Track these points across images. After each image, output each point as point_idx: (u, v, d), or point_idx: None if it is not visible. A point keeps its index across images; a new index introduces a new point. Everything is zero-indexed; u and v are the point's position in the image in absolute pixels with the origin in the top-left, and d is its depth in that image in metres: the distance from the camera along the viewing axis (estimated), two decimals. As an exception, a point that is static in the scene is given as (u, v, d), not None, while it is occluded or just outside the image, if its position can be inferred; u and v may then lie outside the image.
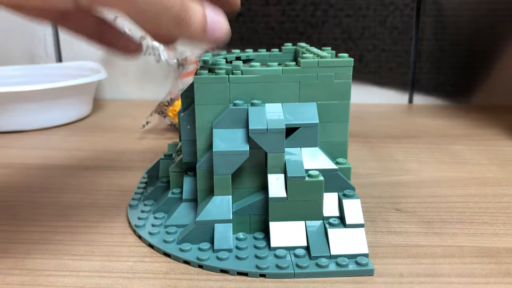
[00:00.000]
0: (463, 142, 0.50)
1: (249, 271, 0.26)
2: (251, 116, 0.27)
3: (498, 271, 0.26)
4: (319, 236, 0.27)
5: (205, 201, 0.29)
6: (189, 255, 0.27)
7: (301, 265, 0.26)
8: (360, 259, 0.26)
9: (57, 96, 0.56)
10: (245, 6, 0.68)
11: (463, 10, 0.67)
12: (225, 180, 0.28)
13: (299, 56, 0.38)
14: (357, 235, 0.27)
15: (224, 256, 0.26)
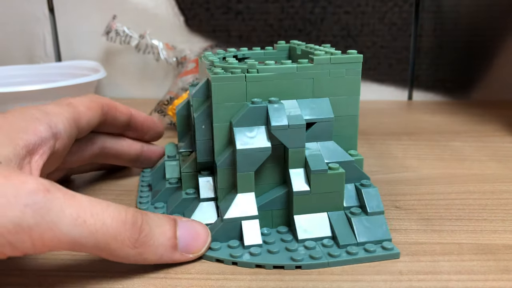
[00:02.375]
0: (463, 139, 0.50)
1: (285, 264, 0.26)
2: (272, 113, 0.28)
3: (497, 268, 0.26)
4: (344, 225, 0.29)
5: (228, 199, 0.29)
6: (221, 254, 0.27)
7: (333, 254, 0.27)
8: (386, 244, 0.28)
9: (57, 95, 0.55)
10: (244, 3, 0.68)
11: (462, 6, 0.66)
12: (249, 177, 0.28)
13: (294, 53, 0.38)
14: (379, 222, 0.29)
15: (257, 251, 0.27)
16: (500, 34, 0.67)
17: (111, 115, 0.35)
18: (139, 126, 0.38)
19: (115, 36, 0.66)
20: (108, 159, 0.37)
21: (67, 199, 0.22)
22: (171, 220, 0.26)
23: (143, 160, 0.39)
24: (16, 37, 0.73)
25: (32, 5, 0.71)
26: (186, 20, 0.70)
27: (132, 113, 0.37)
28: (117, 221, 0.23)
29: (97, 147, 0.35)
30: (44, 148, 0.27)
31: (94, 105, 0.33)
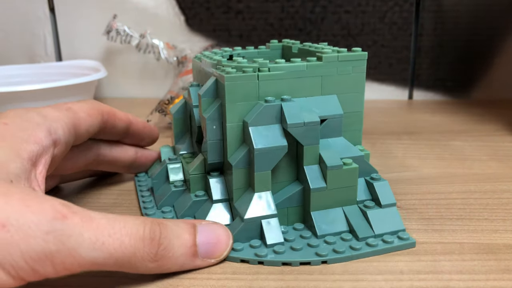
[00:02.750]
0: (463, 138, 0.50)
1: (311, 260, 0.27)
2: (287, 111, 0.28)
3: (498, 268, 0.26)
4: (359, 218, 0.29)
5: (245, 199, 0.29)
6: (245, 254, 0.27)
7: (354, 247, 0.28)
8: (402, 234, 0.29)
9: (57, 95, 0.56)
10: (244, 3, 0.68)
11: (462, 5, 0.66)
12: (266, 176, 0.29)
13: (288, 52, 0.39)
14: (392, 214, 0.30)
15: (281, 249, 0.27)
16: (500, 34, 0.67)
17: (111, 122, 0.34)
18: (137, 133, 0.37)
19: (116, 35, 0.66)
20: (102, 166, 0.37)
21: (85, 222, 0.22)
22: (190, 226, 0.26)
23: (137, 166, 0.39)
24: (17, 37, 0.73)
25: (33, 5, 0.71)
26: (187, 20, 0.70)
27: (131, 120, 0.36)
28: (135, 239, 0.23)
29: (92, 154, 0.35)
30: (46, 157, 0.27)
31: (95, 112, 0.32)
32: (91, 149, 0.34)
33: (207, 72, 0.32)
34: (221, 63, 0.30)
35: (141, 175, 0.39)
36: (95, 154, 0.35)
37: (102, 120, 0.33)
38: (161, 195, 0.34)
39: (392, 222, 0.29)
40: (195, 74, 0.38)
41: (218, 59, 0.31)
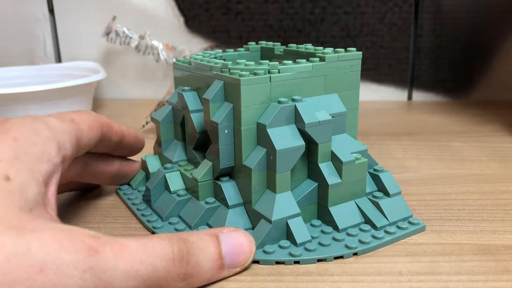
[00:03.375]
0: (462, 139, 0.50)
1: (344, 253, 0.28)
2: (302, 111, 0.29)
3: (497, 269, 0.26)
4: (373, 209, 0.31)
5: (266, 201, 0.29)
6: (279, 255, 0.27)
7: (377, 236, 0.29)
8: (412, 220, 0.31)
9: (57, 97, 0.56)
10: (244, 4, 0.68)
11: (462, 6, 0.66)
12: (286, 176, 0.29)
13: (269, 54, 0.39)
14: (400, 201, 0.32)
15: (312, 247, 0.28)
16: (500, 34, 0.67)
17: (108, 136, 0.33)
18: (128, 146, 0.36)
19: (115, 37, 0.66)
20: (87, 177, 0.35)
21: (118, 253, 0.21)
22: (214, 238, 0.25)
23: (120, 177, 0.37)
24: (16, 38, 0.73)
25: (32, 6, 0.71)
26: (186, 21, 0.70)
27: (124, 133, 0.35)
28: (166, 261, 0.22)
29: (79, 166, 0.33)
30: (57, 176, 0.26)
31: (96, 125, 0.31)
32: (79, 161, 0.33)
33: (205, 76, 0.32)
34: (227, 66, 0.30)
35: (124, 187, 0.38)
36: (82, 165, 0.33)
37: (101, 133, 0.31)
38: (164, 206, 0.33)
39: (401, 209, 0.31)
40: (181, 79, 0.36)
41: (221, 63, 0.31)
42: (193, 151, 0.34)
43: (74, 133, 0.28)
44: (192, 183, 0.32)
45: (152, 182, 0.34)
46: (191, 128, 0.33)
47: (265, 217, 0.28)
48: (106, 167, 0.35)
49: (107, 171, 0.35)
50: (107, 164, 0.35)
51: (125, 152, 0.37)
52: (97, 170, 0.35)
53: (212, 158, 0.31)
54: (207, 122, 0.30)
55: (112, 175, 0.36)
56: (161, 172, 0.34)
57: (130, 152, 0.37)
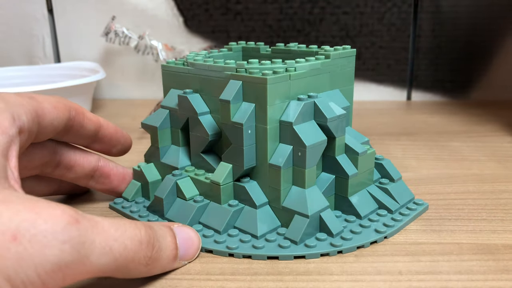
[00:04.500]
0: (462, 139, 0.50)
1: (377, 238, 0.29)
2: (322, 107, 0.30)
3: (496, 268, 0.26)
4: (383, 195, 0.33)
5: (295, 197, 0.29)
6: (323, 247, 0.28)
7: (396, 219, 0.31)
8: (417, 201, 0.34)
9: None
10: (243, 4, 0.68)
11: (461, 6, 0.67)
12: (313, 171, 0.29)
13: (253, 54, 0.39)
14: (403, 186, 0.34)
15: (348, 236, 0.29)
16: (499, 34, 0.67)
17: (79, 121, 0.30)
18: (108, 138, 0.33)
19: (114, 37, 0.66)
20: (59, 170, 0.32)
21: (94, 227, 0.20)
22: (169, 229, 0.26)
23: (98, 178, 0.34)
24: (15, 38, 0.73)
25: (31, 6, 0.71)
26: (185, 21, 0.70)
27: (101, 122, 0.33)
28: (135, 242, 0.22)
29: (48, 151, 0.31)
30: (15, 148, 0.24)
31: (61, 106, 0.29)
32: (48, 146, 0.31)
33: (213, 77, 0.31)
34: (243, 66, 0.29)
35: (118, 201, 0.35)
36: (51, 152, 0.31)
37: (69, 117, 0.29)
38: (181, 214, 0.31)
39: (406, 192, 0.34)
40: (175, 81, 0.35)
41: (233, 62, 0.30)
42: (201, 155, 0.33)
43: (32, 107, 0.26)
44: (208, 187, 0.31)
45: (162, 191, 0.32)
46: (200, 131, 0.32)
47: (299, 213, 0.29)
48: (81, 159, 0.33)
49: (81, 165, 0.33)
50: (82, 157, 0.33)
51: (107, 146, 0.34)
52: (69, 160, 0.32)
53: (233, 159, 0.30)
54: (226, 123, 0.30)
55: (87, 172, 0.33)
56: (172, 180, 0.32)
57: (113, 147, 0.34)
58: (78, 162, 0.33)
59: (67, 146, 0.32)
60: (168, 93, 0.35)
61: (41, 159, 0.31)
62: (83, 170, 0.33)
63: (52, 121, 0.28)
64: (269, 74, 0.28)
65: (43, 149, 0.31)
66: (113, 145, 0.34)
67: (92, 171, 0.34)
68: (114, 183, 0.35)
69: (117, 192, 0.36)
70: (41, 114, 0.27)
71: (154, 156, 0.35)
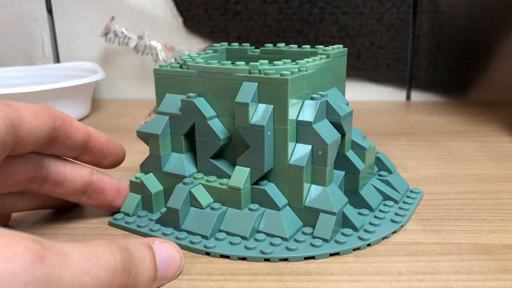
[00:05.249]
0: (461, 139, 0.50)
1: (395, 228, 0.30)
2: (334, 105, 0.30)
3: (496, 268, 0.26)
4: (386, 186, 0.34)
5: (318, 196, 0.30)
6: (353, 242, 0.29)
7: (404, 208, 0.33)
8: (413, 189, 0.36)
9: (56, 97, 0.56)
10: (242, 4, 0.68)
11: (460, 6, 0.67)
12: (332, 169, 0.30)
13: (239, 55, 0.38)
14: (399, 176, 0.36)
15: (371, 229, 0.30)
16: (498, 34, 0.67)
17: (65, 131, 0.28)
18: (98, 149, 0.31)
19: (114, 37, 0.65)
20: (47, 185, 0.29)
21: (62, 261, 0.18)
22: (149, 248, 0.24)
23: (91, 193, 0.31)
24: (14, 39, 0.73)
25: (30, 6, 0.71)
26: (185, 21, 0.70)
27: (91, 132, 0.30)
28: (109, 271, 0.20)
29: (33, 165, 0.28)
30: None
31: (44, 114, 0.26)
32: (32, 160, 0.28)
33: (221, 79, 0.30)
34: (256, 67, 0.29)
35: (118, 216, 0.32)
36: (37, 166, 0.28)
37: (53, 126, 0.27)
38: (200, 224, 0.30)
39: (403, 182, 0.36)
40: (172, 86, 0.33)
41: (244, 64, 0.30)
42: (211, 161, 0.32)
43: (6, 115, 0.23)
44: (225, 193, 0.30)
45: (176, 202, 0.30)
46: (210, 136, 0.31)
47: (325, 211, 0.29)
48: (71, 173, 0.30)
49: (72, 179, 0.30)
50: (73, 171, 0.30)
51: (97, 158, 0.32)
52: (58, 175, 0.29)
53: (251, 163, 0.29)
54: (243, 126, 0.29)
55: (78, 187, 0.30)
56: (185, 189, 0.30)
57: (104, 159, 0.32)
58: (68, 176, 0.30)
59: (55, 159, 0.30)
60: (165, 98, 0.33)
61: (24, 174, 0.28)
62: (74, 186, 0.30)
63: (31, 131, 0.25)
64: (288, 74, 0.28)
65: (26, 163, 0.28)
66: (104, 157, 0.32)
67: (85, 186, 0.31)
68: (109, 198, 0.32)
69: (112, 207, 0.33)
70: (17, 123, 0.24)
71: (154, 166, 0.33)
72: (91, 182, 0.31)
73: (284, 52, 0.36)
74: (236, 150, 0.31)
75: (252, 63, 0.29)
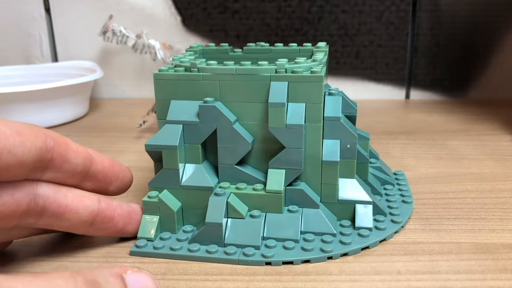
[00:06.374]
0: (460, 138, 0.50)
1: (411, 209, 0.32)
2: (348, 100, 0.32)
3: (495, 267, 0.26)
4: (379, 172, 0.36)
5: (347, 188, 0.30)
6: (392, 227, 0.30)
7: (402, 189, 0.35)
8: (396, 172, 0.39)
9: (54, 96, 0.56)
10: (241, 3, 0.68)
11: (459, 4, 0.66)
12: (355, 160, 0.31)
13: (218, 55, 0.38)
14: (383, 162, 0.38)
15: (396, 212, 0.31)
16: (498, 33, 0.67)
17: (60, 154, 0.24)
18: (101, 174, 0.27)
19: (112, 36, 0.65)
20: (45, 219, 0.25)
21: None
22: (120, 280, 0.20)
23: (100, 224, 0.27)
24: (12, 38, 0.73)
25: (28, 5, 0.71)
26: (183, 20, 0.70)
27: (92, 155, 0.27)
28: None
29: (23, 195, 0.23)
30: None
31: (29, 132, 0.22)
32: (24, 188, 0.23)
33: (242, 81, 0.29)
34: (283, 66, 0.28)
35: (141, 243, 0.28)
36: (30, 195, 0.24)
37: (44, 147, 0.23)
38: (246, 234, 0.28)
39: (387, 167, 0.38)
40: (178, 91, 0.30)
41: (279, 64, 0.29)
42: (236, 168, 0.30)
43: None
44: (261, 198, 0.29)
45: (215, 215, 0.28)
46: (236, 141, 0.29)
47: (361, 201, 0.30)
48: (73, 203, 0.26)
49: (75, 211, 0.26)
50: (76, 200, 0.26)
51: (100, 185, 0.28)
52: (58, 206, 0.25)
53: (286, 164, 0.29)
54: (278, 127, 0.28)
55: (85, 218, 0.26)
56: (221, 200, 0.28)
57: (109, 185, 0.28)
58: (70, 207, 0.25)
59: (53, 187, 0.25)
60: (172, 106, 0.30)
61: (13, 206, 0.23)
62: (78, 217, 0.26)
63: (10, 149, 0.21)
64: (318, 71, 0.28)
65: (15, 192, 0.23)
66: (109, 182, 0.28)
67: (91, 216, 0.26)
68: (119, 225, 0.28)
69: (122, 234, 0.29)
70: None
71: (170, 181, 0.30)
72: (99, 212, 0.27)
73: (273, 51, 0.36)
74: (254, 153, 0.30)
75: (278, 61, 0.29)
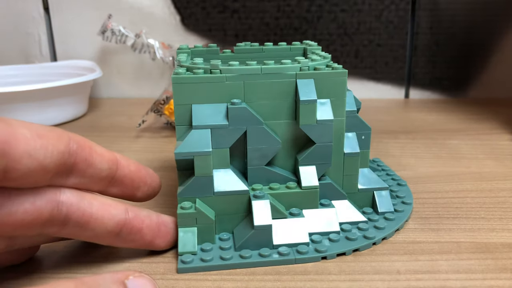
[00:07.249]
0: (460, 137, 0.50)
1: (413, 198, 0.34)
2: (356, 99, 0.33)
3: (495, 267, 0.26)
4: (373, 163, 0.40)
5: (364, 178, 0.32)
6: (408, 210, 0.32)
7: (395, 178, 0.38)
8: (375, 159, 0.42)
9: (53, 95, 0.55)
10: (240, 2, 0.68)
11: (459, 3, 0.66)
12: None
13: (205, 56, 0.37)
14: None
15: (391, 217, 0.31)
16: (497, 32, 0.67)
17: (84, 158, 0.23)
18: (128, 179, 0.26)
19: (111, 35, 0.65)
20: (66, 228, 0.23)
21: None
22: (122, 286, 0.20)
23: (127, 235, 0.25)
24: (11, 37, 0.73)
25: (27, 4, 0.71)
26: (182, 19, 0.70)
27: (118, 159, 0.25)
28: None
29: (45, 203, 0.22)
30: None
31: (51, 135, 0.21)
32: (46, 195, 0.22)
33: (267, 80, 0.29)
34: (307, 64, 0.29)
35: (187, 258, 0.26)
36: (52, 202, 0.22)
37: (67, 151, 0.22)
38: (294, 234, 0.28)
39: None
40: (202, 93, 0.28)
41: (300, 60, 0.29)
42: (266, 168, 0.30)
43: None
44: (297, 196, 0.29)
45: (264, 218, 0.28)
46: (267, 141, 0.29)
47: (379, 188, 0.32)
48: (99, 212, 0.24)
49: (100, 219, 0.24)
50: (101, 208, 0.24)
51: (127, 191, 0.27)
52: (82, 215, 0.23)
53: (316, 159, 0.30)
54: (309, 124, 0.29)
55: (111, 228, 0.25)
56: (264, 203, 0.28)
57: (136, 190, 0.27)
58: (95, 215, 0.24)
59: (77, 194, 0.24)
60: (194, 110, 0.28)
61: (34, 214, 0.22)
62: (104, 227, 0.24)
63: (30, 152, 0.20)
64: (339, 68, 0.29)
65: (36, 200, 0.22)
66: (137, 188, 0.27)
67: (118, 227, 0.25)
68: (147, 238, 0.26)
69: (149, 247, 0.27)
70: (5, 140, 0.19)
71: (203, 189, 0.28)
72: (126, 222, 0.25)
73: (265, 50, 0.37)
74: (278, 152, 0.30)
75: (302, 60, 0.29)
